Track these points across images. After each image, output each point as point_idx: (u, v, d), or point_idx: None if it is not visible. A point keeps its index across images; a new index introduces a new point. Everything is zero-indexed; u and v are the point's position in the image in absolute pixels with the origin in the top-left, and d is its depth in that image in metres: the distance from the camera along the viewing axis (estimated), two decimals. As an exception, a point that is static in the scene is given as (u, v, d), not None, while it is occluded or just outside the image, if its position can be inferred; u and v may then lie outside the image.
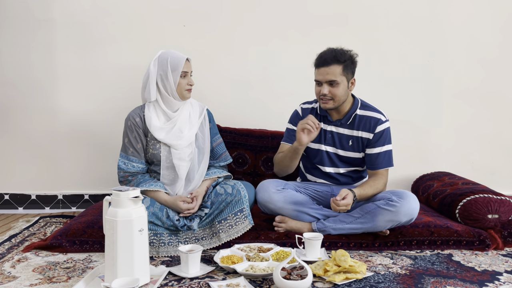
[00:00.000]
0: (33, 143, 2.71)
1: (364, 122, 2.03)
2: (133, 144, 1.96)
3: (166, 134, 1.94)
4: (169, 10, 2.68)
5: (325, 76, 1.94)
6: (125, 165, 1.94)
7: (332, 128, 2.07)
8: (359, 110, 2.05)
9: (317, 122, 1.93)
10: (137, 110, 2.00)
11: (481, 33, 2.80)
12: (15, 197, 2.74)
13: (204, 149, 2.04)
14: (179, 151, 1.95)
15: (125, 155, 1.96)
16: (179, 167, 1.95)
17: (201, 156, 2.03)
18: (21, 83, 2.67)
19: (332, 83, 1.94)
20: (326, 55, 1.95)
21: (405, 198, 1.88)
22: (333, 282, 1.54)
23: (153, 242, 1.83)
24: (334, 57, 1.93)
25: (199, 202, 1.96)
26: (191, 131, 1.99)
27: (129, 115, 1.99)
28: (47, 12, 2.64)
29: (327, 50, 1.97)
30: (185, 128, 1.98)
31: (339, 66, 1.93)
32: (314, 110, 2.12)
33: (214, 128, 2.14)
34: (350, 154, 2.07)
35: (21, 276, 1.62)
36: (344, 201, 1.81)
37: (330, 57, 1.93)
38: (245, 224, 1.93)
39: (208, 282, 1.55)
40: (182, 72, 1.93)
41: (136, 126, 1.96)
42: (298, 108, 2.18)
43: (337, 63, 1.93)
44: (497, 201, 2.07)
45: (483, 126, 2.86)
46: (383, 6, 2.75)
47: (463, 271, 1.69)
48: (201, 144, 2.03)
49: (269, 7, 2.72)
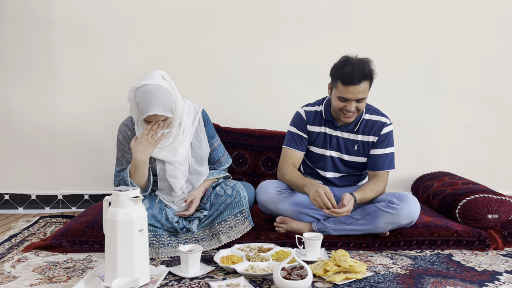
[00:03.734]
0: (33, 143, 2.71)
1: (370, 126, 2.00)
2: (127, 157, 1.90)
3: (159, 150, 1.86)
4: (169, 10, 2.68)
5: (356, 95, 1.84)
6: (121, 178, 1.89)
7: (338, 133, 2.04)
8: (365, 114, 2.02)
9: (334, 205, 1.78)
10: (127, 122, 1.91)
11: (481, 33, 2.80)
12: (15, 197, 2.74)
13: (202, 157, 1.98)
14: (173, 167, 1.89)
15: (119, 169, 1.92)
16: (174, 184, 1.91)
17: (200, 164, 1.98)
18: (21, 83, 2.67)
19: (360, 100, 1.88)
20: (355, 73, 1.81)
21: (406, 200, 1.88)
22: (333, 282, 1.54)
23: (152, 243, 1.83)
24: (364, 74, 1.83)
25: (196, 204, 1.93)
26: (185, 144, 1.91)
27: (120, 128, 1.91)
28: (47, 12, 2.64)
29: (355, 66, 1.82)
30: (180, 145, 1.89)
31: (368, 82, 1.87)
32: (319, 114, 2.06)
33: (211, 130, 2.05)
34: (355, 159, 2.05)
35: (21, 276, 1.62)
36: (344, 209, 1.78)
37: (360, 75, 1.82)
38: (245, 226, 1.93)
39: (208, 282, 1.54)
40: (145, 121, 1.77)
41: (127, 139, 1.89)
42: (300, 111, 2.09)
43: (366, 79, 1.85)
44: (497, 201, 2.07)
45: (483, 126, 2.86)
46: (382, 6, 2.75)
47: (463, 271, 1.69)
48: (198, 153, 1.97)
49: (269, 7, 2.72)
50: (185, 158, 1.93)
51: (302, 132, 2.07)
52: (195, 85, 2.68)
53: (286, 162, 2.07)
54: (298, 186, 1.96)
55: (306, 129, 2.07)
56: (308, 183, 1.90)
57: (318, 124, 2.06)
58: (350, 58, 1.87)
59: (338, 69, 1.87)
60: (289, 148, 2.09)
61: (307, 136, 2.08)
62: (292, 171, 2.03)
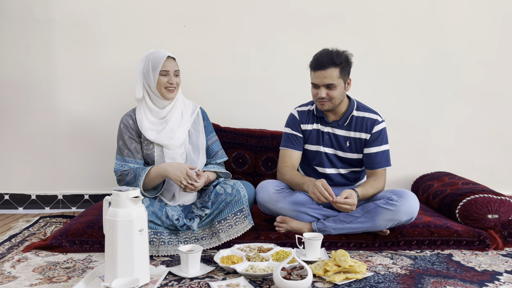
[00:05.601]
0: (33, 143, 2.71)
1: (361, 123, 2.03)
2: (128, 145, 1.96)
3: (157, 134, 1.94)
4: (169, 10, 2.68)
5: (322, 79, 1.92)
6: (121, 167, 1.94)
7: (329, 129, 2.07)
8: (356, 111, 2.05)
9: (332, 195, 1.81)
10: (130, 113, 2.02)
11: (481, 33, 2.80)
12: (15, 197, 2.74)
13: (199, 146, 2.03)
14: (171, 151, 1.96)
15: (120, 157, 1.96)
16: None
17: (197, 152, 2.02)
18: (21, 83, 2.67)
19: (329, 86, 1.93)
20: (322, 58, 1.92)
21: (405, 197, 1.89)
22: (333, 282, 1.54)
23: (153, 240, 1.83)
24: (331, 60, 1.90)
25: (202, 182, 1.89)
26: (183, 129, 1.99)
27: (122, 118, 2.01)
28: (47, 12, 2.64)
29: (323, 52, 1.94)
30: (177, 128, 1.97)
31: (336, 69, 1.92)
32: (311, 112, 2.12)
33: (209, 126, 2.13)
34: (348, 155, 2.07)
35: (21, 276, 1.62)
36: (349, 200, 1.81)
37: (327, 60, 1.90)
38: (245, 224, 1.93)
39: (208, 282, 1.54)
40: (162, 71, 1.92)
41: (129, 127, 1.97)
42: (294, 112, 2.15)
43: (334, 66, 1.91)
44: (497, 201, 2.07)
45: (483, 126, 2.86)
46: (382, 5, 2.75)
47: (463, 271, 1.69)
48: (195, 141, 2.03)
49: (269, 7, 2.72)
50: (182, 144, 1.98)
51: (297, 132, 2.11)
52: (196, 85, 2.68)
53: (285, 163, 2.09)
54: (297, 185, 1.98)
55: (300, 129, 2.11)
56: (307, 181, 1.92)
57: (310, 122, 2.11)
58: (325, 49, 1.97)
59: (312, 58, 1.98)
60: (287, 149, 2.12)
61: (302, 135, 2.11)
62: (291, 170, 2.06)
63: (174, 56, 1.96)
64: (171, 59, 1.94)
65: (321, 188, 1.81)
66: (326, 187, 1.82)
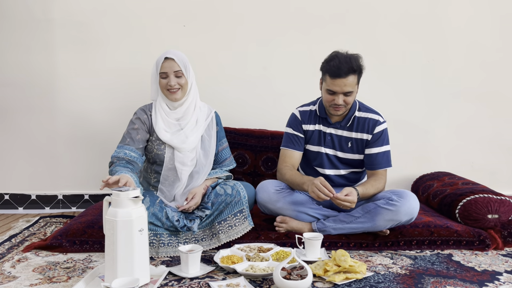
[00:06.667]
0: (33, 143, 2.71)
1: (363, 124, 2.03)
2: (132, 135, 1.94)
3: (171, 136, 1.94)
4: (169, 10, 2.68)
5: (342, 87, 1.89)
6: (116, 153, 1.91)
7: (332, 130, 2.07)
8: (358, 112, 2.05)
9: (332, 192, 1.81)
10: (145, 107, 2.02)
11: (482, 33, 2.79)
12: (15, 197, 2.74)
13: (209, 152, 2.03)
14: (182, 154, 1.95)
15: (121, 145, 1.94)
16: (181, 171, 1.95)
17: (206, 158, 2.02)
18: (21, 83, 2.67)
19: (347, 93, 1.92)
20: (342, 66, 1.86)
21: (405, 197, 1.89)
22: (333, 282, 1.54)
23: (153, 242, 1.83)
24: (351, 68, 1.87)
25: (197, 200, 1.93)
26: (196, 134, 1.98)
27: (136, 111, 2.01)
28: (47, 12, 2.64)
29: (342, 59, 1.88)
30: (190, 132, 1.97)
31: (355, 76, 1.90)
32: (313, 113, 2.10)
33: (221, 131, 2.13)
34: (349, 156, 2.07)
35: (21, 276, 1.62)
36: (349, 198, 1.81)
37: (347, 68, 1.86)
38: (245, 225, 1.93)
39: (208, 282, 1.55)
40: (161, 73, 1.92)
41: (140, 121, 1.97)
42: (295, 112, 2.14)
43: (354, 73, 1.89)
44: (497, 201, 2.07)
45: (483, 126, 2.86)
46: (383, 5, 2.75)
47: (463, 271, 1.69)
48: (207, 147, 2.03)
49: (269, 7, 2.72)
50: (194, 148, 1.98)
51: (298, 132, 2.10)
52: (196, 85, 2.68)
53: (285, 163, 2.09)
54: (297, 184, 1.98)
55: (301, 129, 2.10)
56: (307, 180, 1.92)
57: (312, 122, 2.10)
58: (339, 53, 1.93)
59: (327, 63, 1.93)
60: (287, 149, 2.11)
61: (303, 135, 2.11)
62: (291, 170, 2.05)
63: (173, 57, 1.91)
64: (170, 60, 1.91)
65: (320, 186, 1.81)
66: (325, 184, 1.82)
